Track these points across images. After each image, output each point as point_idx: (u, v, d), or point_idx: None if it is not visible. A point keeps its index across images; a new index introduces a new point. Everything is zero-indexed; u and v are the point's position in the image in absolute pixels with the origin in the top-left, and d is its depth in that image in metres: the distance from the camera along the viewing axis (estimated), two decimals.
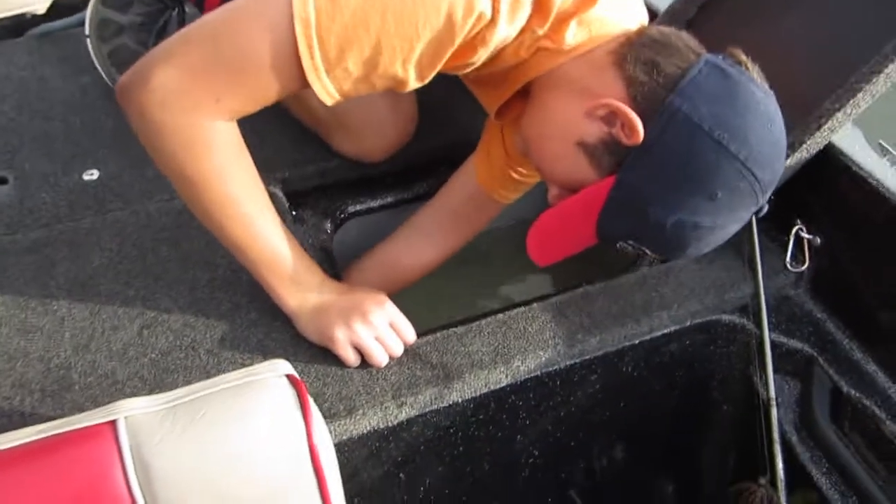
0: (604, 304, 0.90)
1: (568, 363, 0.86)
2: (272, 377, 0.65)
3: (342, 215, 1.05)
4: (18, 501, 0.59)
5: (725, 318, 0.93)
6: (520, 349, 0.85)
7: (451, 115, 1.12)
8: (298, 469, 0.62)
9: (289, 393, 0.64)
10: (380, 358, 0.80)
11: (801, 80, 0.92)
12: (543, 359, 0.85)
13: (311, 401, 0.64)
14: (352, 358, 0.81)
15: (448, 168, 1.10)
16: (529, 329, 0.87)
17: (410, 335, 0.83)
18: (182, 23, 1.11)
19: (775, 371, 0.90)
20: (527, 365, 0.84)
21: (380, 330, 0.80)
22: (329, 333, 0.80)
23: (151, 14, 1.09)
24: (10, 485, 0.60)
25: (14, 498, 0.59)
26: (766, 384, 0.89)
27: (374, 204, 1.07)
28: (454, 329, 0.87)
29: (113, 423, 0.62)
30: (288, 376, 0.66)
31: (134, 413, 0.62)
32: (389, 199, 1.08)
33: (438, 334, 0.86)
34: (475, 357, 0.84)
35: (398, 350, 0.82)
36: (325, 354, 0.83)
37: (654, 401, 0.96)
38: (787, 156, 0.89)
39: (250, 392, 0.64)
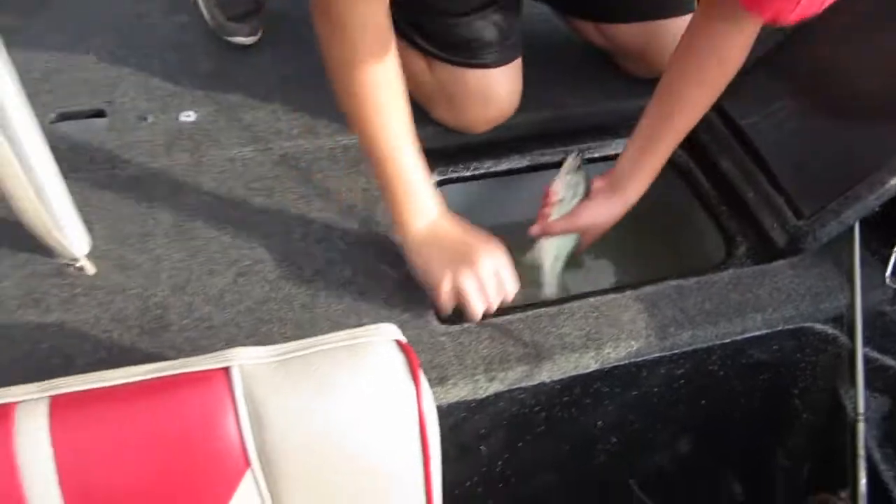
0: (697, 299, 0.88)
1: (657, 355, 0.86)
2: (383, 341, 0.65)
3: (437, 180, 1.04)
4: (130, 437, 0.60)
5: (818, 327, 0.91)
6: (611, 337, 0.84)
7: (547, 92, 1.10)
8: (407, 434, 0.62)
9: (400, 358, 0.64)
10: (476, 311, 0.80)
11: None
12: (634, 349, 0.84)
13: (421, 372, 0.64)
14: (447, 309, 0.81)
15: (541, 145, 1.09)
16: (622, 317, 0.86)
17: (512, 289, 0.82)
18: None
19: (864, 386, 0.89)
20: (617, 353, 0.84)
21: (485, 280, 0.79)
22: (434, 277, 0.80)
23: None
24: (123, 420, 0.60)
25: (126, 433, 0.60)
26: (854, 398, 0.87)
27: (465, 173, 1.06)
28: (546, 309, 0.86)
29: (227, 369, 0.62)
30: (397, 342, 0.65)
31: (247, 362, 0.62)
32: (480, 171, 1.06)
33: (530, 312, 0.85)
34: (567, 339, 0.83)
35: (495, 304, 0.81)
36: (417, 318, 0.83)
37: (735, 401, 0.95)
38: None
39: (363, 353, 0.63)
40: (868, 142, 0.92)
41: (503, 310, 0.85)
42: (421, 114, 1.04)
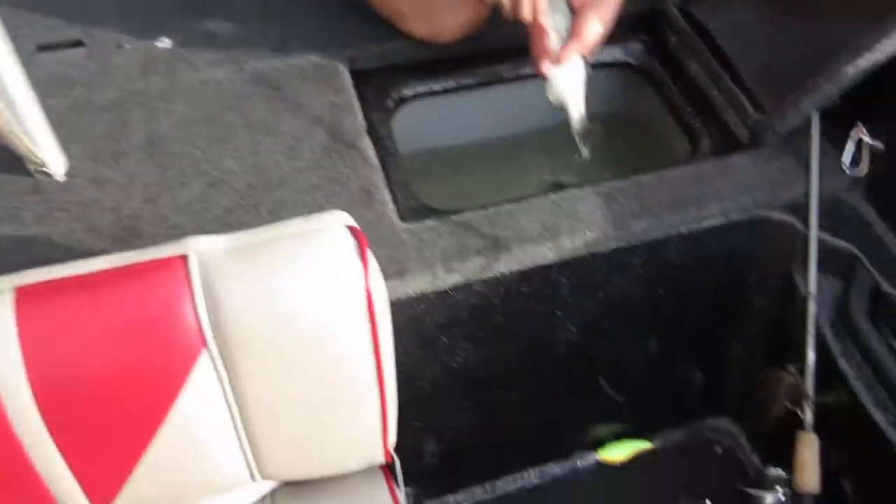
0: (656, 192, 0.91)
1: (614, 245, 0.88)
2: (336, 227, 0.68)
3: (403, 96, 1.07)
4: (92, 323, 0.64)
5: (775, 215, 0.93)
6: (568, 228, 0.87)
7: None
8: (355, 311, 0.66)
9: (349, 241, 0.67)
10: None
11: None
12: (590, 239, 0.87)
13: (370, 252, 0.68)
14: None
15: (514, 55, 1.10)
16: (579, 209, 0.89)
17: None
18: None
19: (818, 269, 0.91)
20: (574, 243, 0.87)
21: None
22: None
23: None
24: (86, 307, 0.64)
25: (88, 319, 0.64)
26: (807, 279, 0.90)
27: (436, 87, 1.08)
28: (506, 205, 0.89)
29: (184, 257, 0.66)
30: (350, 227, 0.69)
31: (204, 249, 0.67)
32: (451, 84, 1.09)
33: (490, 209, 0.89)
34: (524, 232, 0.86)
35: None
36: (379, 220, 0.86)
37: (692, 290, 0.98)
38: (860, 57, 0.87)
39: (315, 239, 0.67)
40: (827, 35, 0.93)
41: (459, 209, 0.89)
42: (390, 28, 1.06)
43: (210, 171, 0.91)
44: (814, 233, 0.90)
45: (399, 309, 0.84)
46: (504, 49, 1.10)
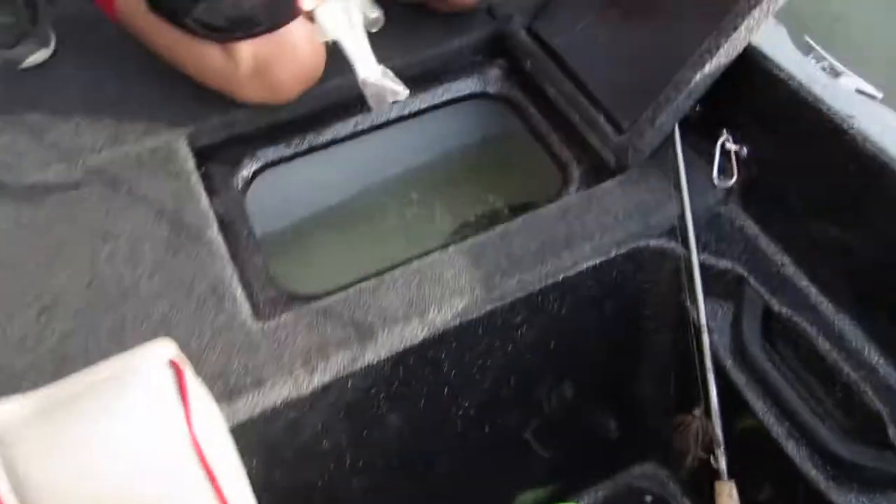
0: (523, 241, 0.86)
1: (488, 308, 0.83)
2: (148, 365, 0.61)
3: (252, 169, 1.00)
4: None
5: (653, 243, 0.89)
6: (434, 298, 0.81)
7: None
8: (181, 461, 0.60)
9: (166, 382, 0.61)
10: None
11: None
12: (460, 307, 0.81)
13: (192, 386, 0.61)
14: None
15: (362, 106, 1.04)
16: (445, 275, 0.83)
17: None
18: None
19: (707, 294, 0.87)
20: (443, 315, 0.81)
21: None
22: None
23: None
24: None
25: None
26: (697, 310, 0.86)
27: (286, 152, 1.01)
28: (365, 283, 0.83)
29: None
30: (170, 361, 0.62)
31: (2, 417, 0.59)
32: (303, 147, 1.02)
33: (350, 290, 0.82)
34: (389, 311, 0.80)
35: None
36: (231, 323, 0.80)
37: (585, 337, 0.93)
38: (705, 61, 0.83)
39: (125, 385, 0.60)
40: (670, 42, 0.89)
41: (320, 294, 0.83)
42: (225, 101, 0.99)
43: (42, 295, 0.83)
44: (695, 258, 0.86)
45: (266, 422, 0.77)
46: (353, 100, 1.04)
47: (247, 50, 0.90)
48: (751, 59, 0.85)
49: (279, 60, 0.92)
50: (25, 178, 0.93)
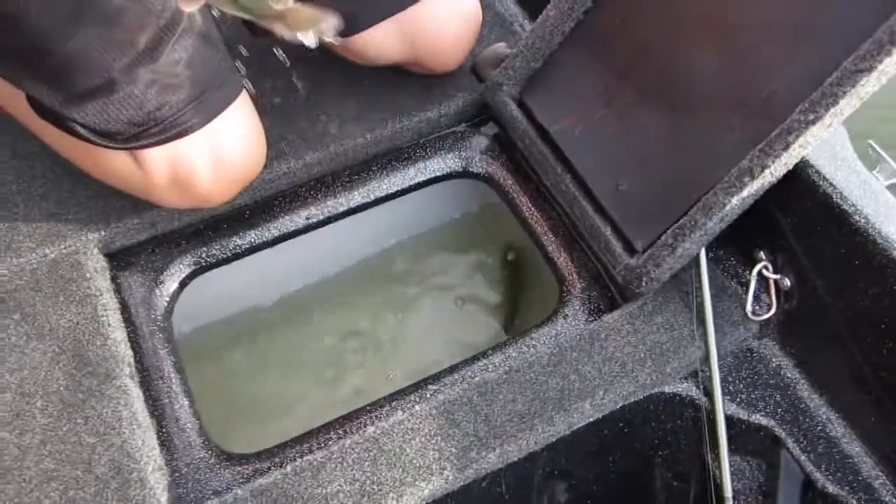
0: (506, 399, 0.69)
1: (460, 485, 0.67)
2: None
3: (182, 276, 0.82)
4: None
5: (668, 390, 0.72)
6: (393, 483, 0.65)
7: (315, 127, 0.87)
8: None
9: None
10: None
11: (760, 79, 0.66)
12: (426, 491, 0.65)
13: None
14: None
15: (321, 193, 0.86)
16: (407, 450, 0.66)
17: None
18: None
19: (733, 452, 0.71)
20: (404, 503, 0.65)
21: None
22: None
23: None
24: None
25: None
26: (721, 475, 0.69)
27: (222, 254, 0.83)
28: (310, 457, 0.66)
29: None
30: None
31: None
32: (243, 246, 0.84)
33: (288, 468, 0.66)
34: (335, 502, 0.64)
35: None
36: None
37: (588, 492, 0.77)
38: (745, 184, 0.65)
39: None
40: (698, 148, 0.70)
41: (249, 472, 0.67)
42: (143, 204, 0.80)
43: None
44: (721, 415, 0.69)
45: None
46: (304, 186, 0.86)
47: (159, 156, 0.71)
48: (800, 174, 0.67)
49: (203, 166, 0.73)
50: None
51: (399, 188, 0.88)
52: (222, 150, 0.72)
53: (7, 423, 0.68)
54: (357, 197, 0.87)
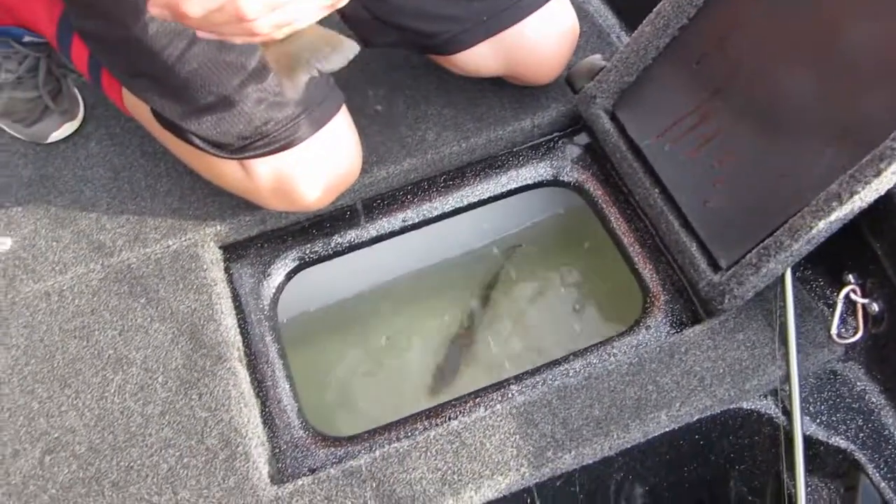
0: (584, 404, 0.72)
1: (534, 482, 0.70)
2: None
3: (287, 269, 0.89)
4: None
5: (747, 406, 0.73)
6: (473, 475, 0.69)
7: (418, 130, 0.92)
8: None
9: None
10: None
11: (853, 104, 0.66)
12: (503, 485, 0.69)
13: None
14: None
15: (405, 195, 0.91)
16: (487, 445, 0.70)
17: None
18: (56, 64, 0.94)
19: (811, 473, 0.71)
20: (481, 495, 0.69)
21: None
22: None
23: (25, 65, 0.91)
24: None
25: None
26: (796, 496, 0.70)
27: (325, 251, 0.90)
28: (396, 445, 0.71)
29: None
30: None
31: None
32: (344, 244, 0.90)
33: (377, 453, 0.71)
34: (418, 487, 0.69)
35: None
36: (241, 487, 0.70)
37: (662, 499, 0.78)
38: (833, 209, 0.65)
39: None
40: (786, 170, 0.71)
41: (341, 453, 0.72)
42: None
43: (49, 431, 0.76)
44: (799, 437, 0.70)
45: None
46: (401, 190, 0.91)
47: (265, 166, 0.77)
48: (893, 196, 0.67)
49: (305, 175, 0.79)
50: (42, 284, 0.85)
51: (491, 194, 0.92)
52: (321, 162, 0.78)
53: (133, 395, 0.77)
54: (451, 201, 0.91)
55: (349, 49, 0.58)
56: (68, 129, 0.96)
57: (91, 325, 0.82)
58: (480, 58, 0.87)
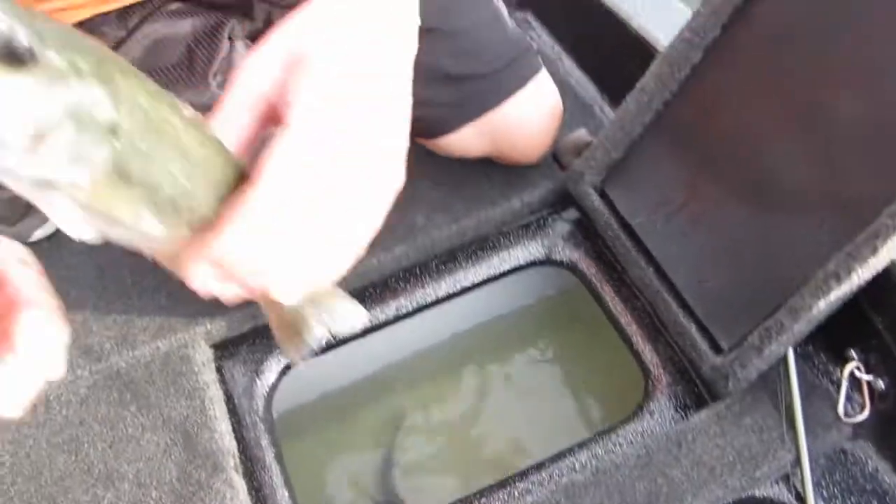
0: (594, 502, 0.70)
1: None
2: None
3: (284, 363, 0.87)
4: None
5: (759, 493, 0.71)
6: None
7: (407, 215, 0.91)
8: None
9: None
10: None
11: (847, 179, 0.66)
12: None
13: None
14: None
15: (407, 282, 0.90)
16: None
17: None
18: None
19: None
20: None
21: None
22: None
23: None
24: None
25: None
26: None
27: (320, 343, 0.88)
28: None
29: None
30: None
31: None
32: (337, 336, 0.88)
33: None
34: None
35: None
36: None
37: None
38: (831, 288, 0.64)
39: None
40: (782, 249, 0.70)
41: None
42: None
43: None
44: None
45: None
46: (394, 278, 0.90)
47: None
48: (892, 270, 0.66)
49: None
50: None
51: (484, 277, 0.91)
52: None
53: None
54: (444, 287, 0.90)
55: (357, 317, 0.53)
56: (51, 226, 0.94)
57: (80, 437, 0.79)
58: (466, 140, 0.86)
